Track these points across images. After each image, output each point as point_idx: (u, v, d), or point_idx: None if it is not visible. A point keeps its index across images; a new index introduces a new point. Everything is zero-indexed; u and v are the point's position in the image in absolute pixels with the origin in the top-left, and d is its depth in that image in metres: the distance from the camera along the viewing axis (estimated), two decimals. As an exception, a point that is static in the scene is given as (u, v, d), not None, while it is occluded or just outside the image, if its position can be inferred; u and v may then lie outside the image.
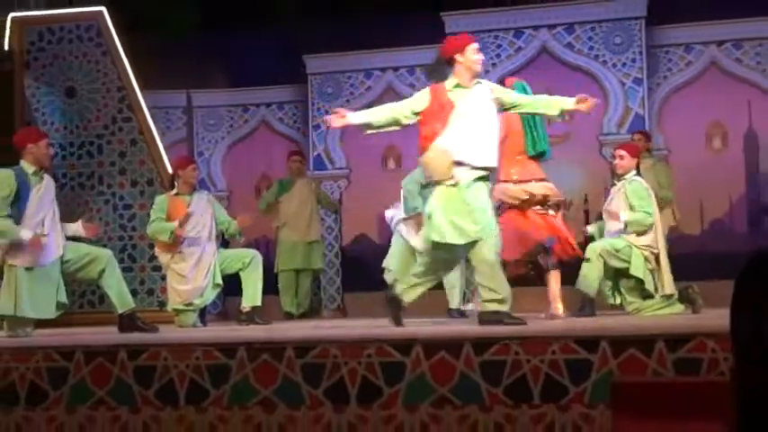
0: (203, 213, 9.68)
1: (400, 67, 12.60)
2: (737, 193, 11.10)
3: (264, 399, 5.79)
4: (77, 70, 11.62)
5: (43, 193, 8.40)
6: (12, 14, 11.78)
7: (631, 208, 8.78)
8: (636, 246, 8.70)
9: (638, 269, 8.67)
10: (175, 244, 9.56)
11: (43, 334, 8.28)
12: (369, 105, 12.51)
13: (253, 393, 5.81)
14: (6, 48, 11.78)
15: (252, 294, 9.55)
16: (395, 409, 5.57)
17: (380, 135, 10.84)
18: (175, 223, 9.49)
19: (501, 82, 9.22)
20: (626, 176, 8.99)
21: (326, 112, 12.60)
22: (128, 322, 8.41)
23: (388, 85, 12.61)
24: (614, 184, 9.24)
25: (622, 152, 9.13)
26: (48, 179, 8.56)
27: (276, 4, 12.78)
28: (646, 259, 8.70)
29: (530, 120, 8.79)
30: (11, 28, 11.74)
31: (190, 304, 9.61)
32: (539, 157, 9.00)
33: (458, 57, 7.28)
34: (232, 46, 12.95)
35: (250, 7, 12.88)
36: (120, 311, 8.48)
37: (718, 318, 6.51)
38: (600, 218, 9.45)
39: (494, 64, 12.12)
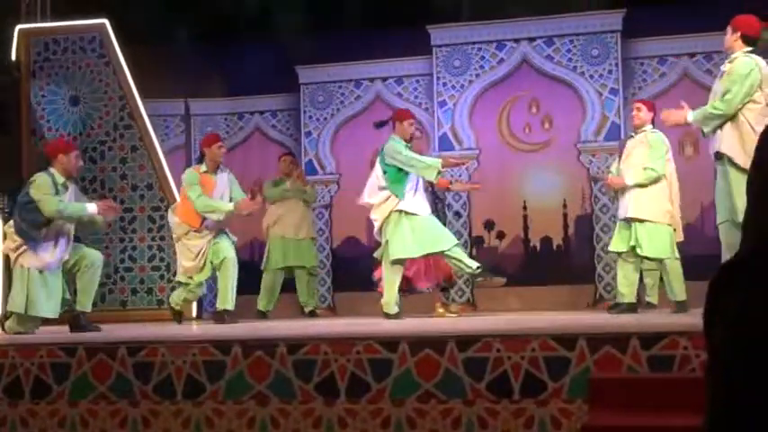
0: (224, 192, 9.56)
1: (388, 77, 12.59)
2: (708, 197, 11.04)
3: (258, 393, 5.78)
4: (81, 80, 11.59)
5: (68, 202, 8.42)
6: (19, 26, 11.76)
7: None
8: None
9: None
10: (198, 222, 9.37)
11: (47, 331, 8.26)
12: (358, 114, 12.56)
13: (247, 388, 5.80)
14: (14, 58, 11.75)
15: (224, 296, 9.46)
16: (382, 403, 5.56)
17: (368, 141, 10.89)
18: (231, 205, 9.37)
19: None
20: (645, 128, 8.78)
21: (317, 120, 12.61)
22: (77, 322, 8.39)
23: (377, 94, 12.60)
24: (632, 136, 9.05)
25: (639, 104, 8.95)
26: (73, 189, 8.61)
27: (270, 18, 12.77)
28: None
29: None
30: (18, 39, 11.72)
31: (191, 278, 9.48)
32: None
33: None
34: (228, 57, 12.93)
35: (245, 20, 12.86)
36: (78, 309, 8.47)
37: (689, 317, 6.53)
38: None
39: (477, 75, 12.12)
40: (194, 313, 9.84)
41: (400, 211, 9.13)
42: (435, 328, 6.84)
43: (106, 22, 11.62)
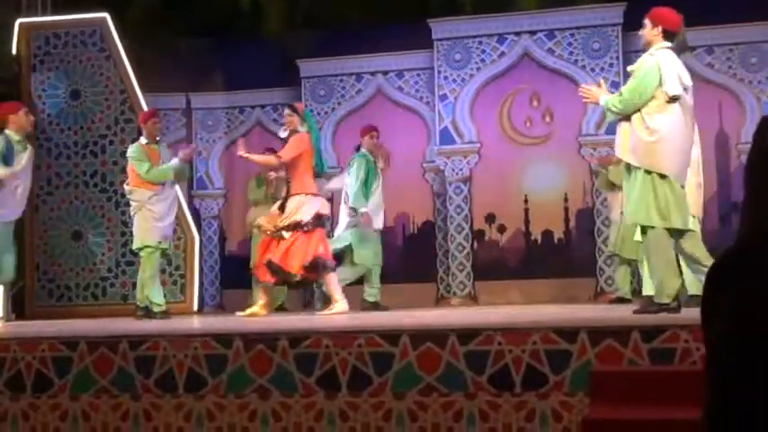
0: (169, 160, 9.84)
1: (389, 71, 12.59)
2: (709, 192, 11.05)
3: (259, 387, 5.78)
4: (81, 74, 11.59)
5: (27, 160, 9.07)
6: (20, 20, 11.75)
7: None
8: None
9: None
10: (157, 185, 9.59)
11: (48, 325, 8.28)
12: (360, 107, 12.56)
13: (248, 382, 5.81)
14: (14, 52, 11.74)
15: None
16: (384, 396, 5.57)
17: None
18: (174, 162, 9.64)
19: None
20: None
21: (318, 114, 12.60)
22: None
23: (378, 88, 12.59)
24: None
25: None
26: (30, 149, 9.25)
27: (271, 12, 12.77)
28: None
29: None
30: (19, 33, 11.72)
31: (160, 243, 9.57)
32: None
33: None
34: (229, 51, 12.92)
35: (246, 14, 12.86)
36: None
37: (690, 310, 6.52)
38: None
39: (478, 68, 12.12)
40: (195, 307, 9.86)
41: None
42: (437, 321, 6.85)
43: (107, 15, 11.62)
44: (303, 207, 8.89)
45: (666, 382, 5.06)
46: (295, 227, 8.83)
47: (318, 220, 8.96)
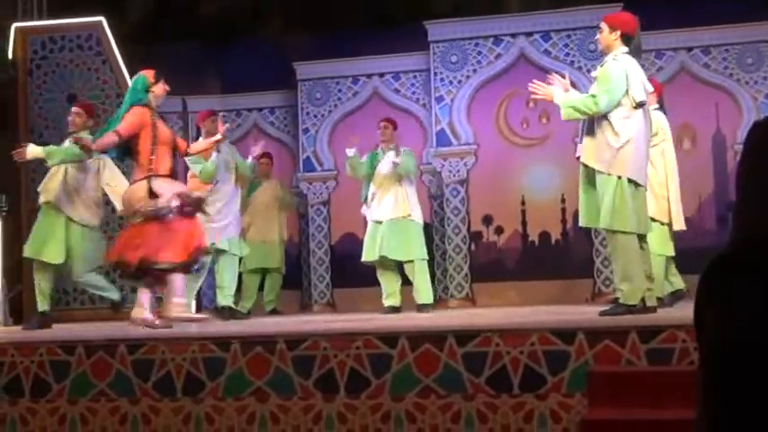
0: (230, 160, 10.12)
1: (386, 73, 12.58)
2: (706, 191, 11.11)
3: (258, 390, 5.79)
4: (78, 78, 11.58)
5: None
6: (16, 24, 11.75)
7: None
8: None
9: None
10: (210, 183, 9.73)
11: (46, 329, 8.28)
12: (356, 110, 12.56)
13: (246, 384, 5.82)
14: (10, 56, 11.74)
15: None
16: (382, 398, 5.58)
17: (365, 139, 10.90)
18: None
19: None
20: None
21: (315, 117, 12.61)
22: None
23: (374, 90, 12.59)
24: None
25: None
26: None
27: (268, 14, 12.77)
28: None
29: None
30: (15, 37, 11.71)
31: (213, 244, 9.55)
32: None
33: None
34: (225, 53, 12.93)
35: (243, 17, 12.85)
36: None
37: (688, 310, 6.54)
38: None
39: (475, 70, 12.12)
40: (194, 310, 9.84)
41: None
42: (435, 323, 6.85)
43: (103, 19, 11.62)
44: None
45: (664, 383, 5.07)
46: None
47: None
